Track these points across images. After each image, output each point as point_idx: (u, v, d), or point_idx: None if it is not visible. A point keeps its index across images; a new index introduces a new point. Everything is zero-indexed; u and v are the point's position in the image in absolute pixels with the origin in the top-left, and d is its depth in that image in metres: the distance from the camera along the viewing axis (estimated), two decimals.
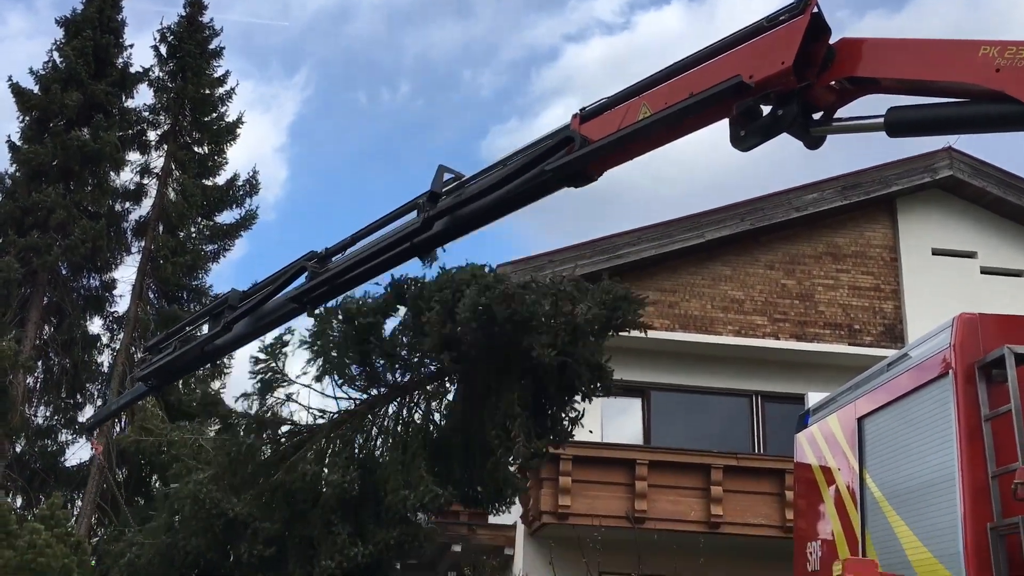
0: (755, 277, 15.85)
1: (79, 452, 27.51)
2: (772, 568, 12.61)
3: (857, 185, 16.08)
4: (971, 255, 16.32)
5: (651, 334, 15.26)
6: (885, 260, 16.24)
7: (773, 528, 12.87)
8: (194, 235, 28.69)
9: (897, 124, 4.91)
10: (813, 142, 5.34)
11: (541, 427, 7.46)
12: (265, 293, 8.24)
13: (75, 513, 24.00)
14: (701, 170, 58.89)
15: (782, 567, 9.09)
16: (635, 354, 15.39)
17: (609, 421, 15.16)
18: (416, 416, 8.05)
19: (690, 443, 14.42)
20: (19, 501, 25.23)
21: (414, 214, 7.04)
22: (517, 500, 8.88)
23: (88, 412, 28.21)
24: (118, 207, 28.76)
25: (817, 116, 5.24)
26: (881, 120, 4.96)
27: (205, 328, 8.98)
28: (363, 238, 7.55)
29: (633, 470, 13.06)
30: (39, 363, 27.04)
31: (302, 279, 7.88)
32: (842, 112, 5.26)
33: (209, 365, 23.41)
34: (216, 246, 29.16)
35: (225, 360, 25.50)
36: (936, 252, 16.26)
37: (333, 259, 7.75)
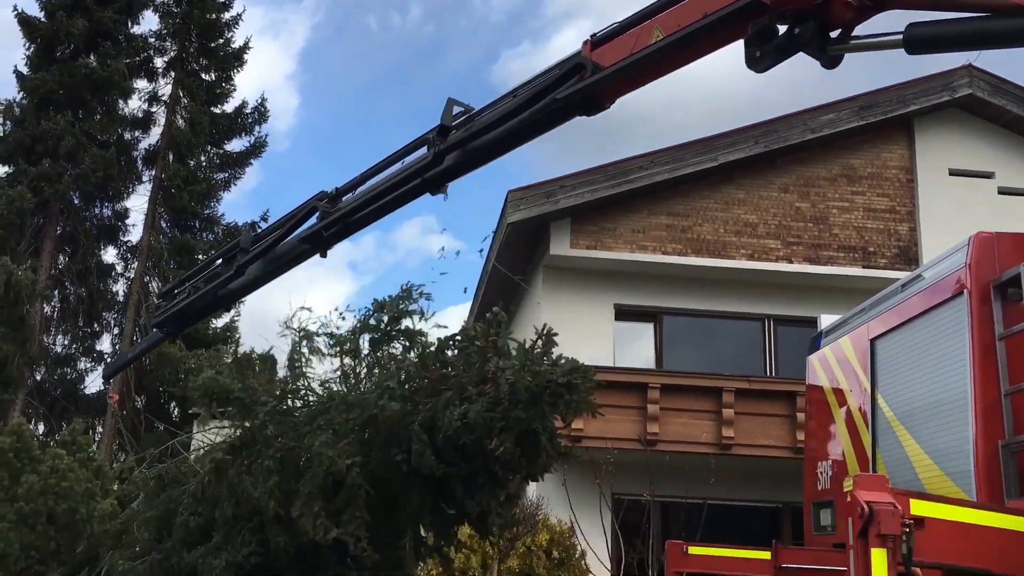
0: (769, 200, 15.73)
1: (98, 380, 27.96)
2: (782, 489, 12.80)
3: (874, 105, 15.82)
4: (989, 175, 16.12)
5: (663, 258, 15.41)
6: (901, 181, 16.07)
7: (784, 449, 12.99)
8: (204, 163, 28.62)
9: (916, 40, 4.78)
10: (830, 61, 5.21)
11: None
12: (277, 235, 8.21)
13: (96, 439, 24.44)
14: (719, 96, 58.09)
15: (792, 488, 9.20)
16: (647, 278, 15.43)
17: (621, 346, 15.24)
18: None
19: (702, 367, 14.52)
20: (41, 428, 25.74)
21: (424, 150, 6.98)
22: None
23: (105, 341, 28.58)
24: (127, 136, 28.66)
25: (835, 34, 5.13)
26: (900, 37, 4.84)
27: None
28: (373, 176, 7.48)
29: (645, 393, 13.16)
30: (55, 292, 27.28)
31: (314, 219, 7.86)
32: (860, 30, 5.15)
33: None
34: (227, 174, 29.15)
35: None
36: (953, 172, 16.05)
37: (344, 198, 7.69)
